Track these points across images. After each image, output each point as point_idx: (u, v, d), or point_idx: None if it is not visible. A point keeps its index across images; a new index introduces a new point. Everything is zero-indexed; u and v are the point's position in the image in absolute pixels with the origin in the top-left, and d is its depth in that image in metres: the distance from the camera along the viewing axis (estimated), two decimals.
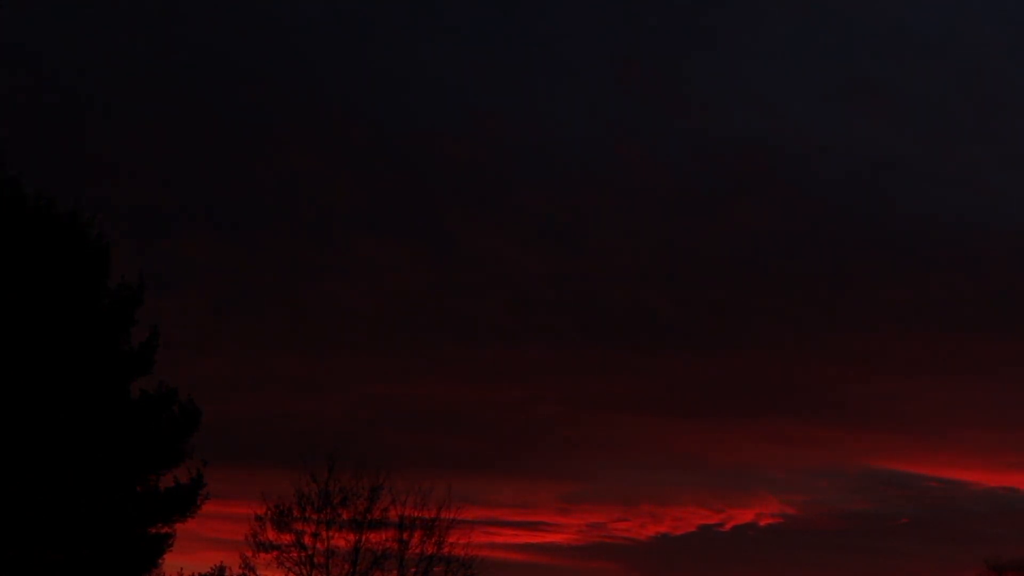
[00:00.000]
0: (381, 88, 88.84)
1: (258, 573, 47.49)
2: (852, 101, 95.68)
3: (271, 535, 47.47)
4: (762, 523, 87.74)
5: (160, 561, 40.95)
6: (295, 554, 47.66)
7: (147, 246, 70.00)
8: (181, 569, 43.98)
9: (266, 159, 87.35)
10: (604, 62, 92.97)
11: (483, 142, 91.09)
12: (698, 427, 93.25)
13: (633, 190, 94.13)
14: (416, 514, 47.94)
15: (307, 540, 47.50)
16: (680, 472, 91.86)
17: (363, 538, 47.70)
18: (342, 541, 47.69)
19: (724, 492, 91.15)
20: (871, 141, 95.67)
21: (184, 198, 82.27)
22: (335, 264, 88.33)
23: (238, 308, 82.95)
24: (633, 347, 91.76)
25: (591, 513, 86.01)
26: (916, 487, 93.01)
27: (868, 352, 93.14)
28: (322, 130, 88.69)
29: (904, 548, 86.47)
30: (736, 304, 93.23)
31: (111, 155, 76.10)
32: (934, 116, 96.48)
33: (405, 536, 48.08)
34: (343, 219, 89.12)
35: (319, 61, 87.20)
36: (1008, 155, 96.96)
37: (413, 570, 48.06)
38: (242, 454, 60.13)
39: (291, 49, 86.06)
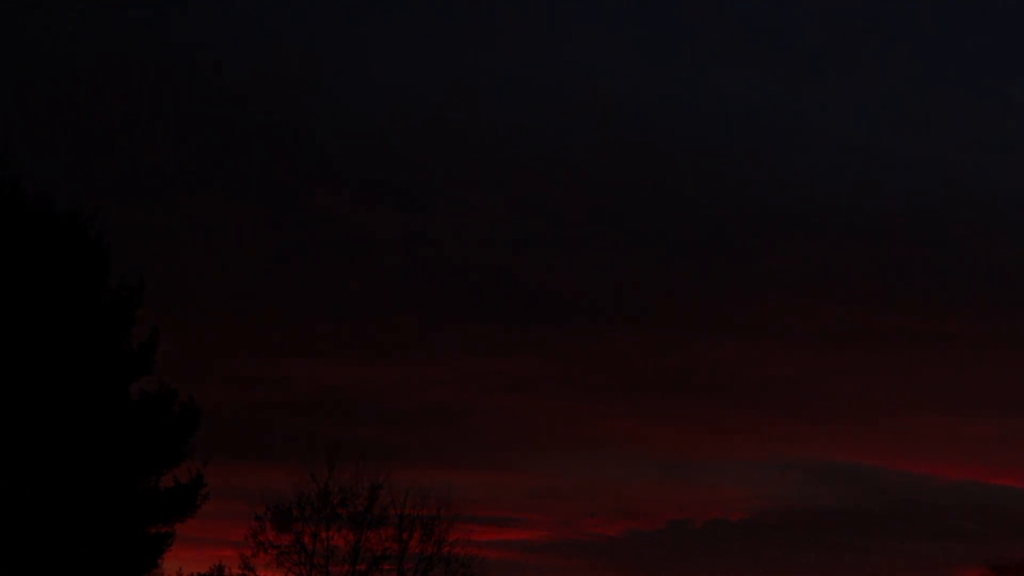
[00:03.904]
0: (181, 31, 79.75)
1: (258, 573, 47.57)
2: (719, 47, 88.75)
3: (271, 535, 47.57)
4: (733, 518, 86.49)
5: (160, 561, 40.98)
6: (294, 554, 47.75)
7: None
8: (181, 569, 44.06)
9: (60, 102, 76.06)
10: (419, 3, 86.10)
11: (297, 91, 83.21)
12: (628, 413, 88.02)
13: (469, 141, 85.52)
14: (416, 512, 48.07)
15: (307, 540, 47.58)
16: (636, 464, 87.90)
17: (363, 538, 47.77)
18: (341, 541, 47.76)
19: (687, 485, 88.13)
20: (741, 92, 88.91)
21: None
22: (167, 227, 77.80)
23: None
24: (510, 320, 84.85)
25: (560, 509, 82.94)
26: (877, 481, 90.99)
27: (769, 327, 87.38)
28: (126, 81, 78.90)
29: (882, 545, 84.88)
30: (608, 271, 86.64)
31: None
32: (817, 75, 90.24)
33: (404, 536, 48.13)
34: (163, 176, 77.93)
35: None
36: (897, 116, 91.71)
37: (411, 566, 48.15)
38: None
39: None
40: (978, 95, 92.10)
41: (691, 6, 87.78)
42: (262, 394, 77.03)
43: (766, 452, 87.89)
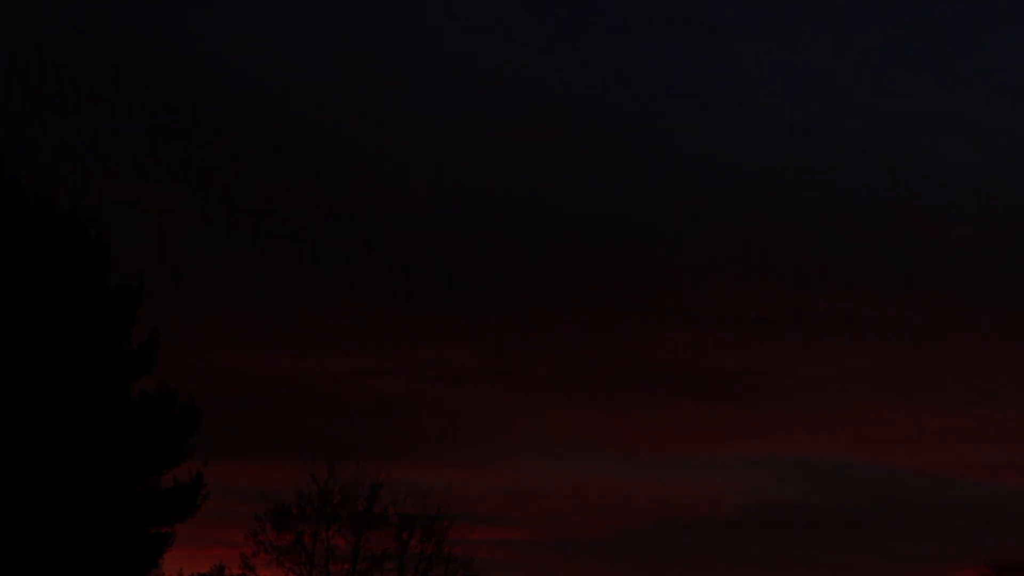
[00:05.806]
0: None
1: (258, 573, 47.62)
2: (651, 19, 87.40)
3: (271, 535, 47.62)
4: (720, 516, 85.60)
5: (160, 561, 40.97)
6: (295, 554, 47.76)
7: None
8: (181, 569, 44.10)
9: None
10: None
11: (218, 61, 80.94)
12: (596, 408, 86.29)
13: (388, 117, 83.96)
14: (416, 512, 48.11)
15: (307, 540, 47.62)
16: (617, 461, 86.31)
17: (363, 538, 47.80)
18: (342, 541, 47.80)
19: (668, 482, 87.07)
20: (674, 68, 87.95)
21: None
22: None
23: None
24: (454, 308, 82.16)
25: (538, 507, 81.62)
26: (868, 478, 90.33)
27: (714, 314, 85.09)
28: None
29: (876, 543, 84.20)
30: (542, 256, 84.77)
31: None
32: (756, 52, 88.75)
33: (404, 536, 48.15)
34: (62, 151, 72.41)
35: None
36: (838, 96, 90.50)
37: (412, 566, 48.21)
38: None
39: None
40: (921, 74, 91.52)
41: None
42: (221, 384, 73.46)
43: (746, 447, 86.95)
